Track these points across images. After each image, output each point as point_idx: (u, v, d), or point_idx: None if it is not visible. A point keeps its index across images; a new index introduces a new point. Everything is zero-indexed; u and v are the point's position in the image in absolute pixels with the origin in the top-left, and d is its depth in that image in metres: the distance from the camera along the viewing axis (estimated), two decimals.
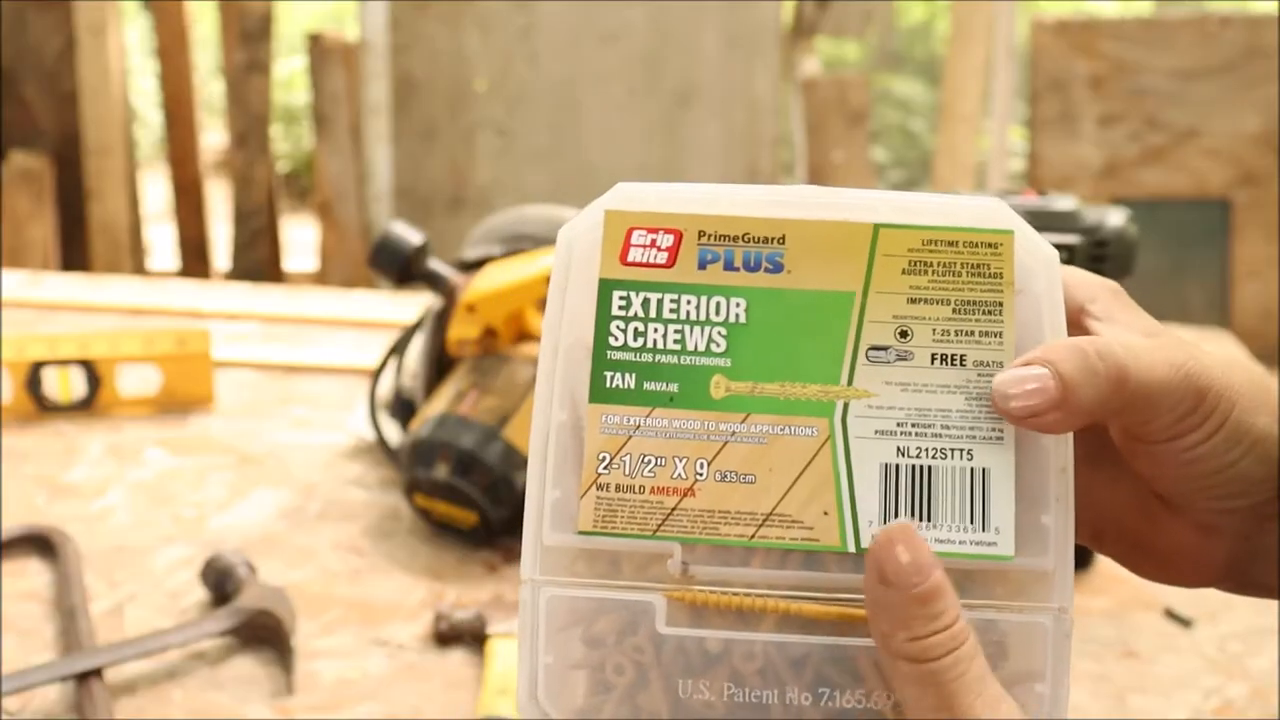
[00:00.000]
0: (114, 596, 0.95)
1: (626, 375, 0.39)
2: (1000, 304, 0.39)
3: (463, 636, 0.90)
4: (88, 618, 0.90)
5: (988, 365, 0.39)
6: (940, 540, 0.37)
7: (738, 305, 0.39)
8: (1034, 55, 3.05)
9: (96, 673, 0.83)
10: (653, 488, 0.38)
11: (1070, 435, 0.39)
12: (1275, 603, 0.95)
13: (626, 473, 0.38)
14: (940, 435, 0.38)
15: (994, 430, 0.38)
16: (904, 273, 0.39)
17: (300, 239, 3.59)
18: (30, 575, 0.97)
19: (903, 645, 0.35)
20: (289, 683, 0.85)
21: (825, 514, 0.38)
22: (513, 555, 1.02)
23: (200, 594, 0.95)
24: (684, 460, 0.38)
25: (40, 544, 1.00)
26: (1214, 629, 0.94)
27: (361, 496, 1.10)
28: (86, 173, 3.02)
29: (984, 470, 0.38)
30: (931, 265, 0.39)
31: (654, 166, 3.02)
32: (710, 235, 0.39)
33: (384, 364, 1.16)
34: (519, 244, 1.10)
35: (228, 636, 0.89)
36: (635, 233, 0.39)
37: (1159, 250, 2.97)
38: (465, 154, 3.01)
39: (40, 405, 1.22)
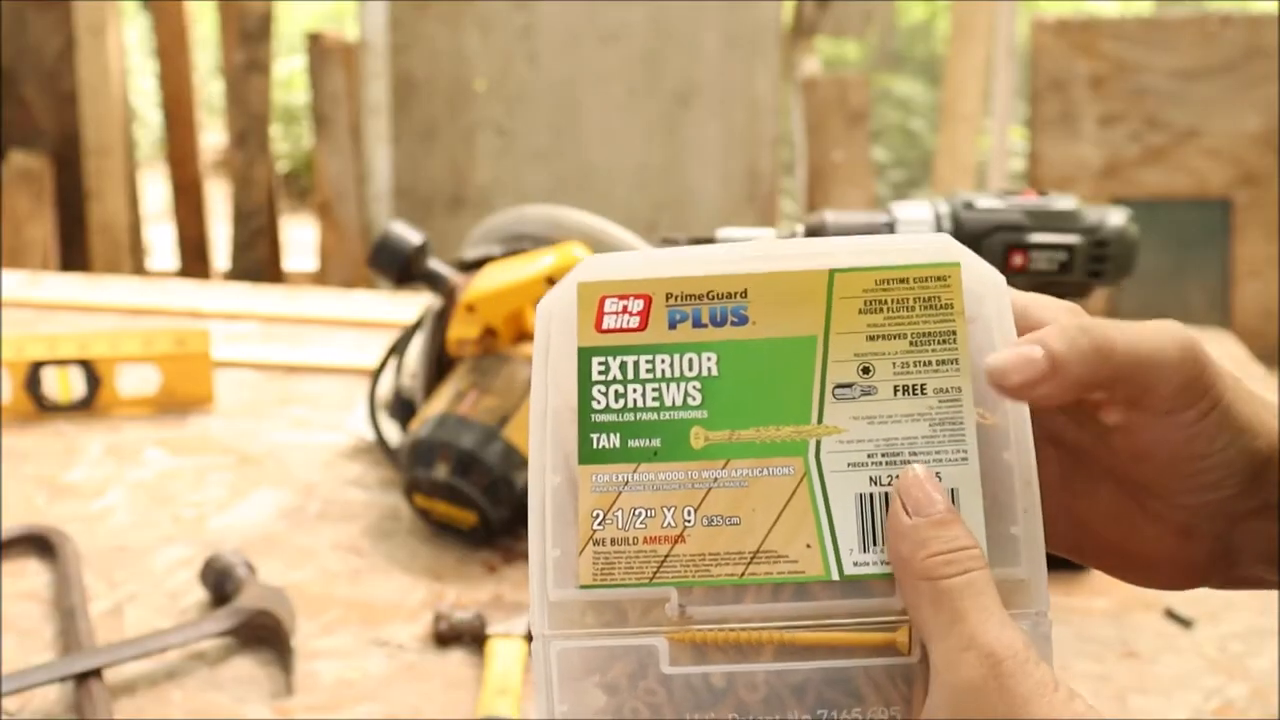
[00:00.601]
0: (113, 597, 0.95)
1: (611, 435, 0.41)
2: (954, 333, 0.42)
3: (462, 637, 0.90)
4: (87, 618, 0.90)
5: (947, 392, 0.41)
6: None
7: (709, 359, 0.42)
8: (1034, 55, 3.05)
9: (96, 673, 0.83)
10: (645, 538, 0.40)
11: (1031, 450, 0.41)
12: (1276, 603, 0.95)
13: (620, 526, 0.40)
14: (909, 462, 0.41)
15: (958, 452, 0.41)
16: (861, 312, 0.42)
17: (300, 239, 3.59)
18: (30, 575, 0.97)
19: (922, 563, 0.38)
20: (288, 683, 0.85)
21: (808, 547, 0.40)
22: (513, 555, 1.02)
23: (200, 594, 0.95)
24: (672, 509, 0.40)
25: (40, 544, 1.00)
26: (1214, 629, 0.94)
27: (361, 497, 1.10)
28: (86, 173, 3.02)
29: (952, 490, 0.40)
30: (886, 303, 0.42)
31: (654, 166, 3.02)
32: (677, 296, 0.42)
33: (384, 364, 1.16)
34: (519, 244, 1.10)
35: (227, 637, 0.89)
36: (607, 300, 0.42)
37: (1160, 250, 2.97)
38: (465, 154, 3.01)
39: (40, 405, 1.22)
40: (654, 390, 0.41)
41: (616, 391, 0.41)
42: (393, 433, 1.14)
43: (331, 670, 0.87)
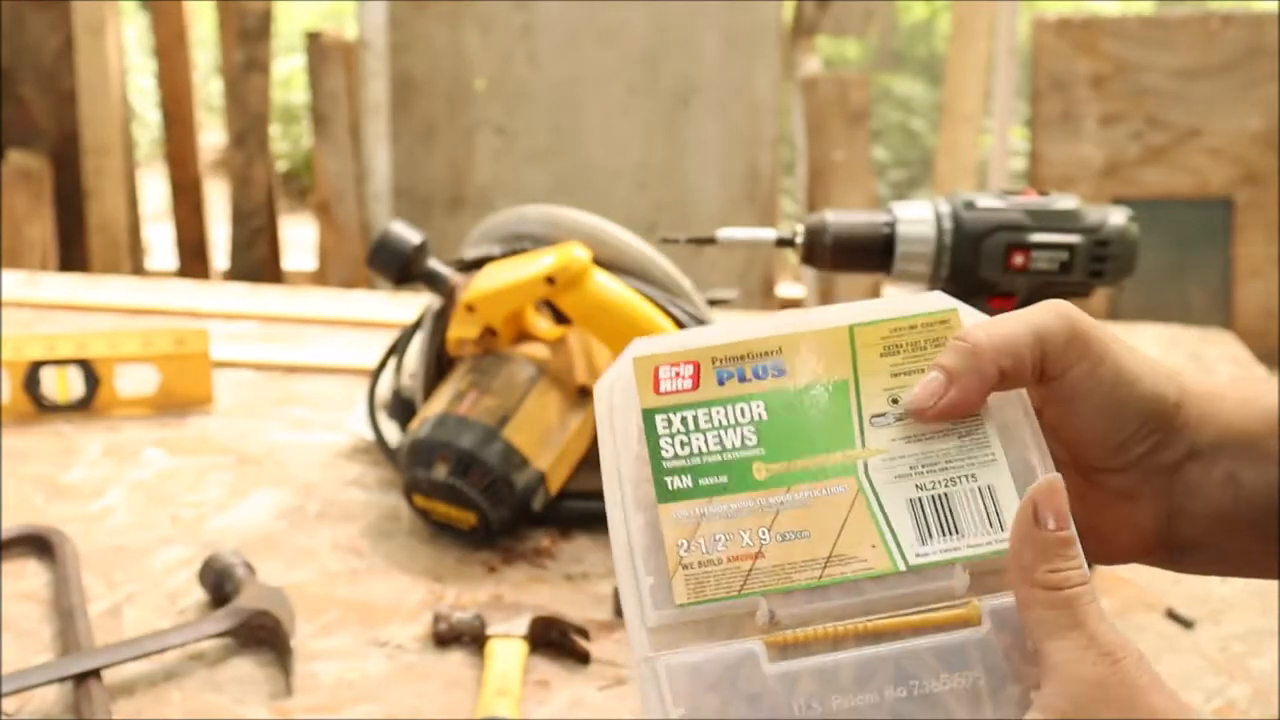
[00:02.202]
0: (112, 597, 0.95)
1: (684, 477, 0.46)
2: None
3: (462, 637, 0.90)
4: (86, 618, 0.90)
5: (974, 419, 0.48)
6: (972, 546, 0.45)
7: (758, 406, 0.47)
8: (1035, 54, 3.05)
9: (95, 674, 0.83)
10: (728, 557, 0.45)
11: (1044, 443, 0.47)
12: (1276, 603, 0.95)
13: (704, 551, 0.45)
14: (946, 469, 0.46)
15: (987, 455, 0.47)
16: (882, 356, 0.48)
17: (299, 239, 3.58)
18: (29, 576, 0.97)
19: (1044, 575, 0.43)
20: (288, 684, 0.85)
21: (873, 547, 0.45)
22: (512, 556, 1.02)
23: (199, 595, 0.95)
24: (748, 531, 0.45)
25: (39, 544, 1.00)
26: (1215, 630, 0.94)
27: (361, 497, 1.10)
28: (85, 172, 3.02)
29: (989, 486, 0.46)
30: (902, 346, 0.48)
31: (654, 166, 3.02)
32: (721, 359, 0.48)
33: (383, 364, 1.16)
34: (518, 244, 1.10)
35: (226, 637, 0.89)
36: (661, 369, 0.48)
37: (1160, 250, 2.97)
38: (465, 153, 3.00)
39: (38, 405, 1.22)
40: (715, 437, 0.47)
41: (681, 441, 0.47)
42: (392, 433, 1.14)
43: (331, 671, 0.87)
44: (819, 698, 0.43)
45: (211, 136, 4.01)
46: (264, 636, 0.89)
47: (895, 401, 0.47)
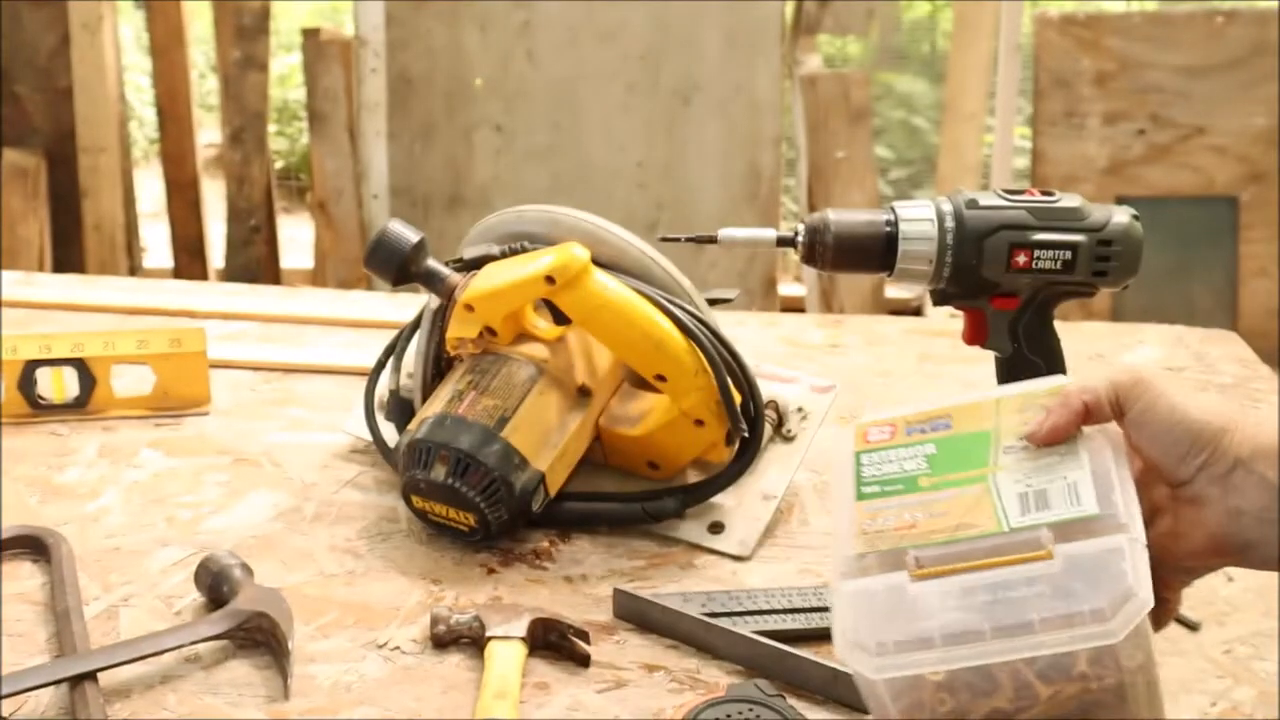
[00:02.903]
0: (108, 599, 0.94)
1: (874, 486, 0.74)
2: None
3: (460, 639, 0.89)
4: (82, 620, 0.89)
5: (1071, 442, 0.73)
6: (1056, 514, 0.68)
7: (930, 447, 0.75)
8: (1038, 52, 3.05)
9: (91, 676, 0.82)
10: (893, 528, 0.71)
11: (1122, 456, 0.71)
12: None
13: (879, 525, 0.71)
14: (1047, 474, 0.71)
15: (1078, 465, 0.71)
16: (1017, 413, 0.74)
17: (296, 237, 3.58)
18: (24, 577, 0.96)
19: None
20: (285, 686, 0.84)
21: (988, 518, 0.69)
22: (511, 557, 1.01)
23: (195, 596, 0.94)
24: (910, 513, 0.71)
25: (34, 545, 0.99)
26: (1221, 632, 0.93)
27: (358, 498, 1.09)
28: (81, 171, 3.01)
29: (1075, 483, 0.70)
30: (1031, 407, 0.74)
31: (654, 165, 3.02)
32: (911, 422, 0.77)
33: (381, 364, 1.15)
34: (518, 243, 1.09)
35: (223, 640, 0.88)
36: (870, 429, 0.77)
37: (1165, 249, 2.96)
38: (463, 152, 3.00)
39: (34, 405, 1.21)
40: (898, 465, 0.74)
41: (877, 467, 0.75)
42: (390, 433, 1.13)
43: (328, 673, 0.87)
44: (943, 604, 0.66)
45: (208, 135, 4.00)
46: (261, 639, 0.88)
47: (1021, 439, 0.72)
